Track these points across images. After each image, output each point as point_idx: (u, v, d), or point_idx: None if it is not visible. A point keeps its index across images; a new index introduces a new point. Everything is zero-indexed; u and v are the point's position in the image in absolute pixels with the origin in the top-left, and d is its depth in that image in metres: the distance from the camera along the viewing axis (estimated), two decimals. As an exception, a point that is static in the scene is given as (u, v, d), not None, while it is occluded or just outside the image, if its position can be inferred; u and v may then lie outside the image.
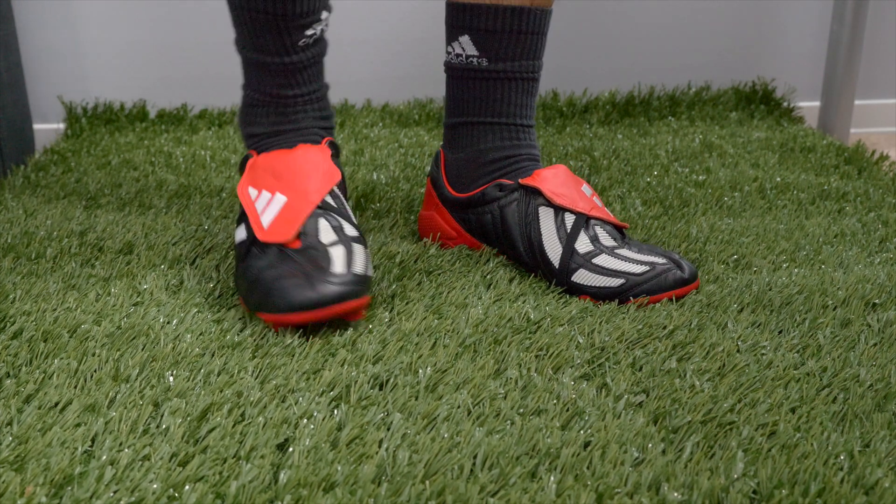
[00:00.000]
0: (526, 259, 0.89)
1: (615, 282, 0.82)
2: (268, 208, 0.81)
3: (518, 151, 0.93)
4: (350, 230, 0.81)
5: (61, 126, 1.49)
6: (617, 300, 0.82)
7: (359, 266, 0.76)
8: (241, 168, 0.89)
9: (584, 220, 0.86)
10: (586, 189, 0.91)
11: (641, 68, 1.60)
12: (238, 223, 0.85)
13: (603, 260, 0.84)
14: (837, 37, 1.49)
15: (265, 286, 0.75)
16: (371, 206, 1.09)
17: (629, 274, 0.82)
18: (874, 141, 1.58)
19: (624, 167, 1.24)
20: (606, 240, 0.86)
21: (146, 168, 1.25)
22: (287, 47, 0.84)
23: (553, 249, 0.86)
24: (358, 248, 0.78)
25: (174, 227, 1.00)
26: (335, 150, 0.89)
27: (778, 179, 1.18)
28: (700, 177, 1.19)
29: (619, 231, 0.88)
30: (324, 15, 0.85)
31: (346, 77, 1.55)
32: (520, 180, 0.90)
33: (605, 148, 1.33)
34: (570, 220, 0.87)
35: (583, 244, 0.85)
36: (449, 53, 0.92)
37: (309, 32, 0.84)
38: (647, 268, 0.82)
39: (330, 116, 0.92)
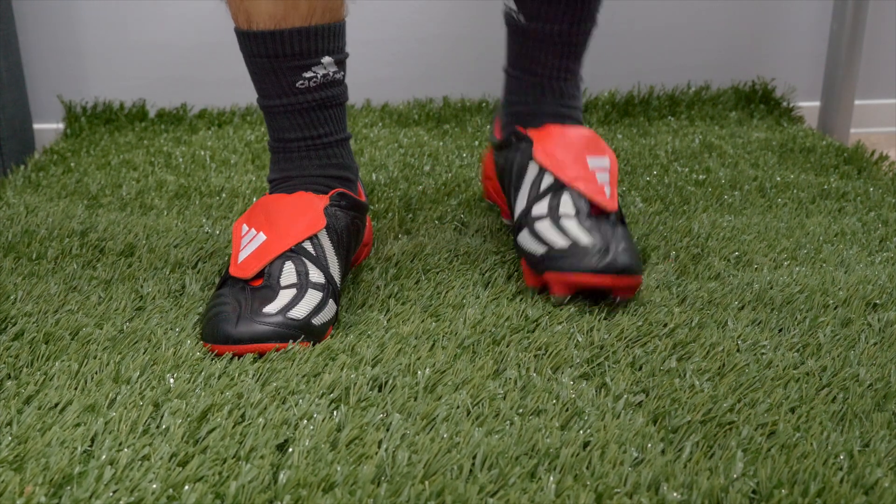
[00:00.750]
0: (513, 209, 0.91)
1: (539, 249, 0.83)
2: (248, 245, 0.82)
3: (540, 108, 0.95)
4: (316, 276, 0.80)
5: (61, 126, 1.49)
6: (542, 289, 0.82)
7: (299, 311, 0.76)
8: None
9: (558, 186, 0.87)
10: (599, 161, 0.89)
11: (641, 68, 1.60)
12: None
13: (542, 225, 0.84)
14: (837, 37, 1.49)
15: (207, 315, 0.77)
16: (370, 206, 1.09)
17: (551, 245, 0.82)
18: (874, 141, 1.57)
19: (624, 167, 1.24)
20: (566, 207, 0.85)
21: (146, 168, 1.25)
22: (285, 89, 0.85)
23: (520, 204, 0.88)
24: (313, 295, 0.78)
25: (175, 228, 1.00)
26: (350, 203, 0.86)
27: (778, 179, 1.18)
28: (700, 176, 1.19)
29: (600, 210, 0.86)
30: (325, 59, 0.84)
31: (346, 77, 1.54)
32: (529, 130, 0.92)
33: (604, 148, 1.33)
34: (547, 181, 0.87)
35: (540, 207, 0.86)
36: (504, 2, 0.97)
37: (307, 74, 0.84)
38: (568, 242, 0.81)
39: (345, 166, 0.90)
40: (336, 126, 0.89)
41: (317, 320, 0.77)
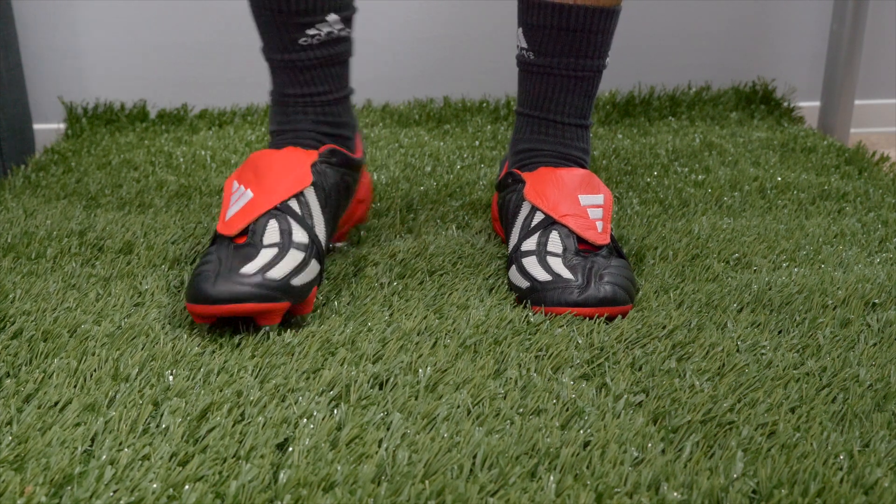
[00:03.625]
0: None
1: (525, 284, 0.82)
2: (237, 202, 0.82)
3: (541, 147, 0.94)
4: (300, 236, 0.79)
5: (61, 126, 1.49)
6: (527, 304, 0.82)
7: (278, 271, 0.75)
8: None
9: (548, 223, 0.87)
10: (593, 199, 0.89)
11: (642, 68, 1.60)
12: None
13: (529, 262, 0.84)
14: (837, 37, 1.49)
15: (193, 273, 0.76)
16: (371, 205, 1.09)
17: (535, 280, 0.82)
18: (874, 141, 1.58)
19: (624, 166, 1.24)
20: (554, 245, 0.85)
21: (146, 168, 1.25)
22: (287, 44, 0.85)
23: (512, 241, 0.88)
24: (294, 254, 0.77)
25: (174, 225, 1.00)
26: (337, 159, 0.86)
27: (778, 179, 1.18)
28: (700, 176, 1.19)
29: (588, 245, 0.85)
30: (331, 17, 0.84)
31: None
32: (523, 172, 0.92)
33: (605, 148, 1.33)
34: (538, 218, 0.87)
35: (529, 243, 0.86)
36: (517, 45, 0.96)
37: (310, 32, 0.84)
38: (550, 278, 0.81)
39: (341, 124, 0.91)
40: (336, 84, 0.89)
41: (297, 281, 0.75)
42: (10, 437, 0.60)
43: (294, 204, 0.81)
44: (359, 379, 0.68)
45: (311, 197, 0.82)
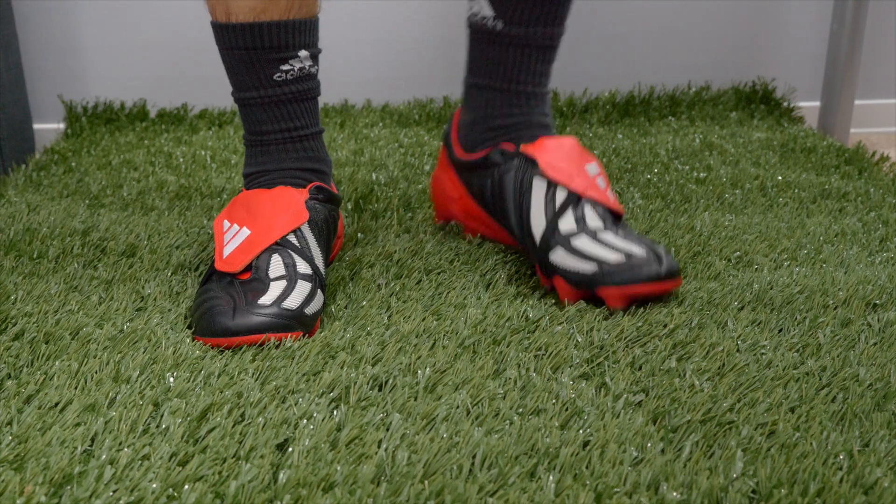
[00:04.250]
0: (516, 230, 0.88)
1: (588, 267, 0.80)
2: (232, 240, 0.82)
3: (527, 118, 0.92)
4: (303, 268, 0.80)
5: (61, 126, 1.49)
6: (586, 303, 0.81)
7: (292, 301, 0.77)
8: None
9: (574, 199, 0.85)
10: (592, 167, 0.88)
11: (641, 68, 1.60)
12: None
13: (582, 242, 0.82)
14: (837, 37, 1.49)
15: (200, 309, 0.77)
16: (369, 206, 1.09)
17: (603, 261, 0.80)
18: (874, 141, 1.57)
19: (624, 165, 1.24)
20: (594, 221, 0.84)
21: (147, 168, 1.25)
22: (262, 81, 0.85)
23: (538, 223, 0.85)
24: (301, 286, 0.79)
25: (177, 228, 1.00)
26: (325, 197, 0.87)
27: (779, 178, 1.18)
28: (701, 174, 1.19)
29: (614, 216, 0.86)
30: (302, 53, 0.86)
31: (346, 77, 1.55)
32: (521, 146, 0.89)
33: (605, 147, 1.33)
34: (561, 195, 0.85)
35: (567, 223, 0.84)
36: (469, 10, 0.92)
37: (284, 67, 0.85)
38: (621, 257, 0.80)
39: (320, 160, 0.91)
40: (311, 119, 0.90)
41: (308, 310, 0.78)
42: (11, 437, 0.61)
43: (293, 238, 0.82)
44: (358, 380, 0.68)
45: (308, 232, 0.84)
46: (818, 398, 0.67)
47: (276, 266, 0.80)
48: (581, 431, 0.63)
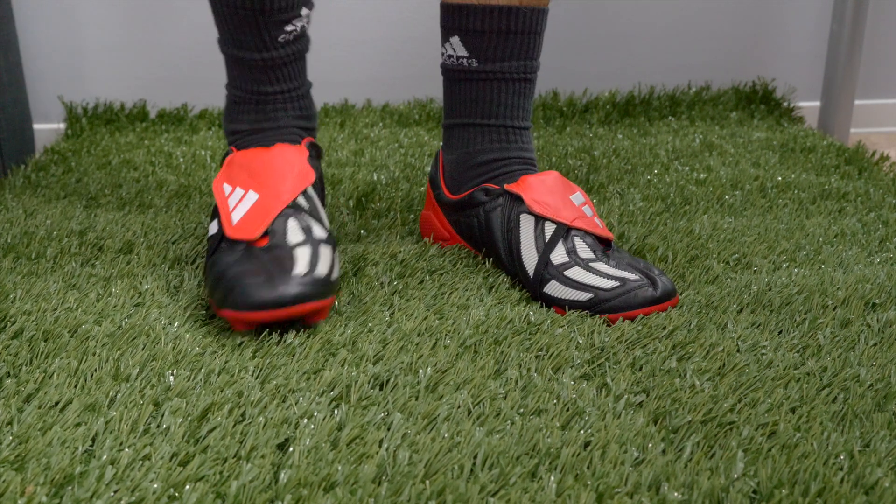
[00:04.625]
0: (507, 266, 0.88)
1: (583, 296, 0.81)
2: (239, 205, 0.81)
3: (507, 154, 0.92)
4: (319, 232, 0.80)
5: (61, 126, 1.49)
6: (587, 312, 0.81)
7: (322, 268, 0.76)
8: (222, 164, 0.89)
9: (564, 231, 0.85)
10: (577, 197, 0.89)
11: (641, 68, 1.60)
12: (212, 218, 0.85)
13: (575, 273, 0.82)
14: (837, 37, 1.49)
15: (229, 283, 0.75)
16: (371, 205, 1.09)
17: (598, 289, 0.80)
18: (874, 141, 1.58)
19: (624, 166, 1.24)
20: (584, 252, 0.84)
21: (146, 168, 1.25)
22: (266, 43, 0.84)
23: (529, 258, 0.85)
24: (325, 250, 0.78)
25: (174, 225, 1.00)
26: (315, 152, 0.88)
27: (779, 178, 1.18)
28: (701, 175, 1.19)
29: (604, 243, 0.87)
30: (304, 11, 0.85)
31: (346, 77, 1.55)
32: (505, 186, 0.89)
33: (605, 147, 1.33)
34: (550, 229, 0.85)
35: (558, 255, 0.84)
36: (443, 55, 0.93)
37: (288, 28, 0.84)
38: (616, 283, 0.80)
39: (311, 116, 0.92)
40: (304, 77, 0.90)
41: (334, 276, 0.77)
42: (11, 437, 0.60)
43: (303, 201, 0.82)
44: (359, 379, 0.68)
45: (312, 192, 0.83)
46: (819, 398, 0.67)
47: (294, 231, 0.79)
48: (582, 432, 0.62)
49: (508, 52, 0.89)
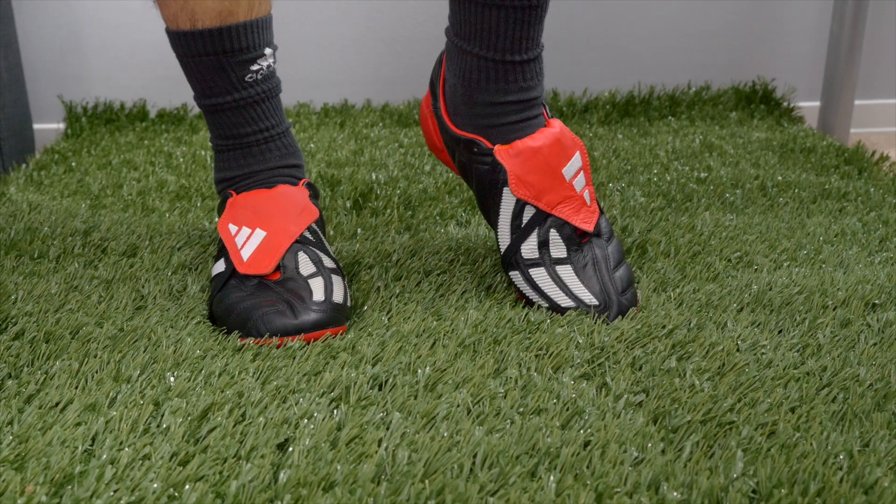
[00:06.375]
0: (485, 217, 0.87)
1: (542, 302, 0.82)
2: (248, 243, 0.82)
3: (505, 98, 0.84)
4: (328, 263, 0.82)
5: (61, 126, 1.49)
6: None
7: (338, 296, 0.79)
8: (220, 210, 0.90)
9: (542, 217, 0.82)
10: (574, 164, 0.84)
11: (641, 68, 1.60)
12: (216, 259, 0.86)
13: (538, 274, 0.82)
14: (837, 37, 1.49)
15: (243, 313, 0.77)
16: (369, 204, 1.09)
17: (555, 303, 0.81)
18: (874, 141, 1.58)
19: (624, 166, 1.24)
20: (556, 248, 0.82)
21: (146, 168, 1.25)
22: (234, 83, 0.86)
23: (503, 237, 0.84)
24: (336, 280, 0.80)
25: (178, 230, 1.00)
26: (313, 192, 0.90)
27: (779, 178, 1.18)
28: (702, 174, 1.20)
29: (581, 234, 0.83)
30: (267, 51, 0.86)
31: (346, 77, 1.55)
32: (496, 148, 0.83)
33: (605, 147, 1.33)
34: (528, 213, 0.83)
35: (529, 248, 0.82)
36: None
37: (254, 68, 0.86)
38: (573, 304, 0.81)
39: (297, 153, 0.92)
40: (281, 116, 0.91)
41: (348, 303, 0.80)
42: (11, 437, 0.61)
43: (309, 235, 0.83)
44: (359, 380, 0.68)
45: (316, 227, 0.85)
46: (818, 398, 0.67)
47: (305, 264, 0.81)
48: (582, 431, 0.63)
49: None
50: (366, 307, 0.83)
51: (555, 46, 1.56)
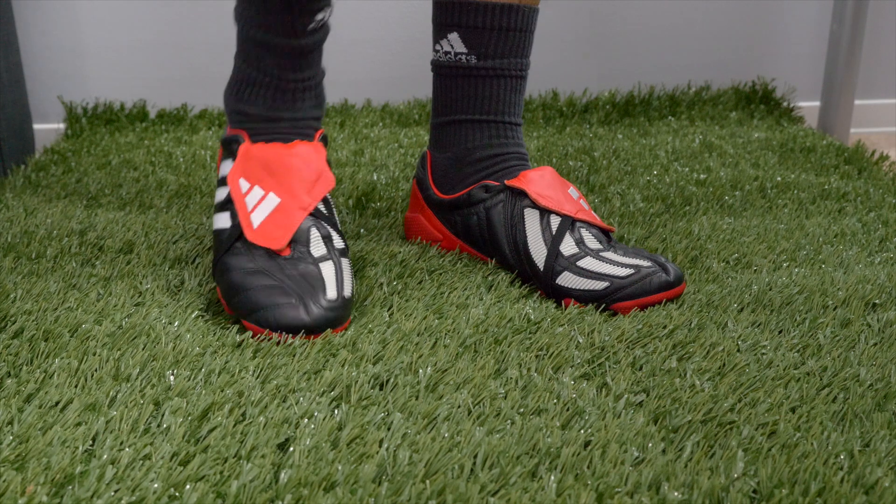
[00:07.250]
0: (511, 262, 0.88)
1: (600, 285, 0.81)
2: (259, 206, 0.81)
3: (505, 150, 0.93)
4: (338, 241, 0.81)
5: (61, 126, 1.49)
6: (602, 305, 0.81)
7: (347, 288, 0.78)
8: (226, 146, 0.87)
9: (569, 223, 0.85)
10: (573, 192, 0.90)
11: (641, 68, 1.60)
12: (219, 209, 0.84)
13: (588, 262, 0.83)
14: (837, 37, 1.49)
15: (255, 296, 0.76)
16: (371, 205, 1.09)
17: (614, 277, 0.81)
18: (874, 141, 1.58)
19: (624, 167, 1.24)
20: (592, 242, 0.85)
21: (146, 168, 1.25)
22: (297, 30, 0.84)
23: (538, 252, 0.85)
24: (346, 265, 0.80)
25: (174, 225, 1.00)
26: (325, 143, 0.89)
27: (778, 179, 1.18)
28: (701, 175, 1.19)
29: (606, 234, 0.88)
30: (330, 5, 0.86)
31: (346, 77, 1.55)
32: (506, 181, 0.89)
33: (605, 148, 1.33)
34: (555, 222, 0.86)
35: (568, 246, 0.84)
36: (437, 52, 0.93)
37: (319, 17, 0.84)
38: (631, 271, 0.81)
39: (323, 103, 0.91)
40: (320, 63, 0.90)
41: (355, 292, 0.80)
42: (12, 437, 0.60)
43: (322, 207, 0.82)
44: (359, 379, 0.68)
45: (328, 196, 0.84)
46: (819, 398, 0.67)
47: (317, 243, 0.80)
48: (582, 431, 0.63)
49: (507, 49, 0.90)
50: (367, 302, 0.82)
51: (555, 46, 1.56)
